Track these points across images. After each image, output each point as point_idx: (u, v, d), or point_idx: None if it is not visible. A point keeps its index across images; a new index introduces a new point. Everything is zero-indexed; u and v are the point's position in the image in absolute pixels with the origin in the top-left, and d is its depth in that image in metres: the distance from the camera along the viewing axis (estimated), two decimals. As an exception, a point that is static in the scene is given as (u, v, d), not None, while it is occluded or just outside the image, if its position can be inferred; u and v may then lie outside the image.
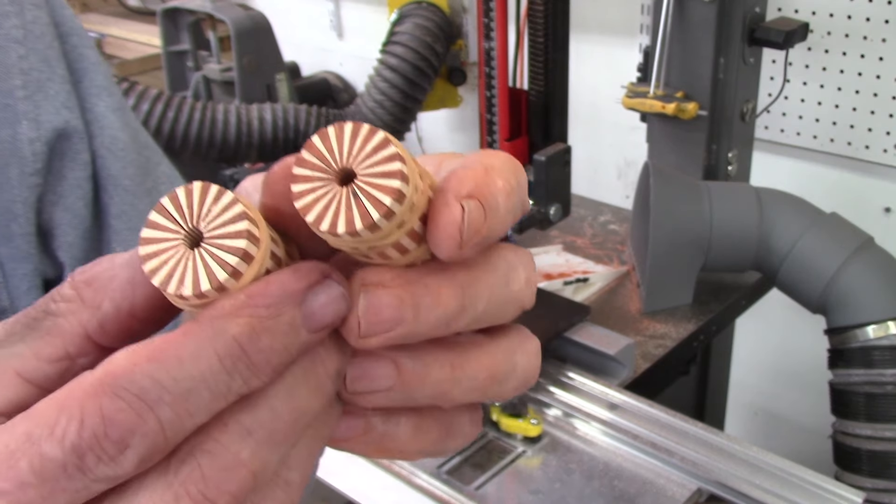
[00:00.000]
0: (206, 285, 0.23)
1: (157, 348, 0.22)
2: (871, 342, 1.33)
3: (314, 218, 0.23)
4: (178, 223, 0.23)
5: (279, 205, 0.25)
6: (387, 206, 0.23)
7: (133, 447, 0.22)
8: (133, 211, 0.53)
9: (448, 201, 0.24)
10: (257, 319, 0.23)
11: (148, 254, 0.23)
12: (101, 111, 0.52)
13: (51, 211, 0.49)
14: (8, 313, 0.47)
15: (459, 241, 0.23)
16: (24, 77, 0.48)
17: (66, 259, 0.50)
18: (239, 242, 0.23)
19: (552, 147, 1.58)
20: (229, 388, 0.23)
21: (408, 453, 0.27)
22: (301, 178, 0.23)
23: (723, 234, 1.40)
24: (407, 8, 2.20)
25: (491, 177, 0.24)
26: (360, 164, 0.23)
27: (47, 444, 0.22)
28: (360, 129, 0.23)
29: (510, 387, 0.27)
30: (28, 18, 0.49)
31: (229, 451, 0.23)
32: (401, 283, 0.24)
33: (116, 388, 0.22)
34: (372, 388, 0.25)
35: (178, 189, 0.24)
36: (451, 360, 0.26)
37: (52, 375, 0.26)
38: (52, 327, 0.26)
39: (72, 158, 0.50)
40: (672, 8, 1.44)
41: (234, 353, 0.22)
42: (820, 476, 1.05)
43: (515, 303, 0.27)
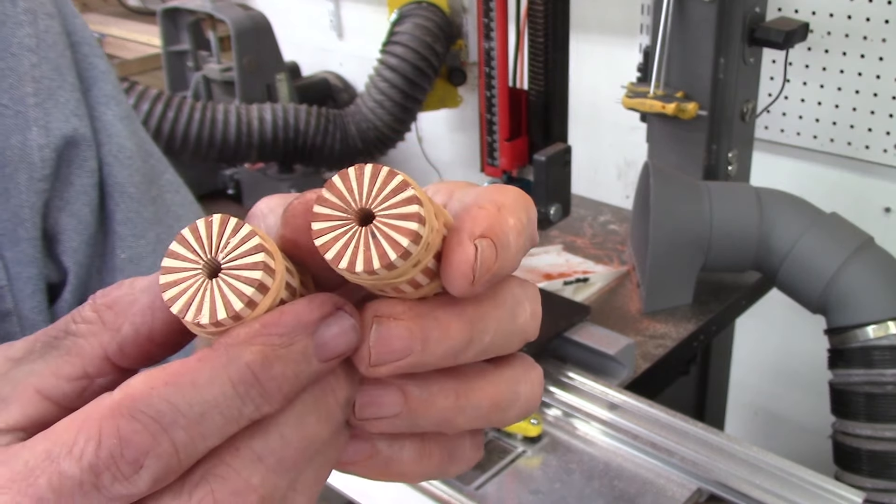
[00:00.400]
0: (222, 314, 0.24)
1: (173, 373, 0.23)
2: (871, 342, 1.33)
3: (333, 256, 0.24)
4: (198, 254, 0.25)
5: (297, 238, 0.26)
6: (404, 247, 0.24)
7: (147, 467, 0.22)
8: (138, 218, 0.54)
9: (462, 241, 0.25)
10: (270, 348, 0.24)
11: (167, 282, 0.24)
12: (109, 120, 0.53)
13: (57, 216, 0.50)
14: (12, 316, 0.48)
15: (472, 279, 0.24)
16: (35, 84, 0.49)
17: (71, 264, 0.51)
18: (255, 273, 0.24)
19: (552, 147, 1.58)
20: (241, 413, 0.23)
21: (411, 476, 0.28)
22: (321, 217, 0.24)
23: (723, 234, 1.40)
24: (407, 8, 2.20)
25: (503, 216, 0.25)
26: (379, 205, 0.24)
27: (66, 463, 0.22)
28: (379, 171, 0.25)
29: (513, 414, 0.28)
30: (41, 28, 0.50)
31: (240, 477, 0.24)
32: (411, 315, 0.25)
33: (133, 410, 0.23)
34: (379, 414, 0.26)
35: (198, 221, 0.25)
36: (457, 388, 0.27)
37: (70, 394, 0.26)
38: (72, 347, 0.27)
39: (79, 165, 0.51)
40: (672, 8, 1.44)
41: (247, 380, 0.23)
42: (820, 476, 1.05)
43: (520, 335, 0.28)
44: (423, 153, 2.53)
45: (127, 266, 0.53)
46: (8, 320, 0.48)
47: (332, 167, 2.39)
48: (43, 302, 0.49)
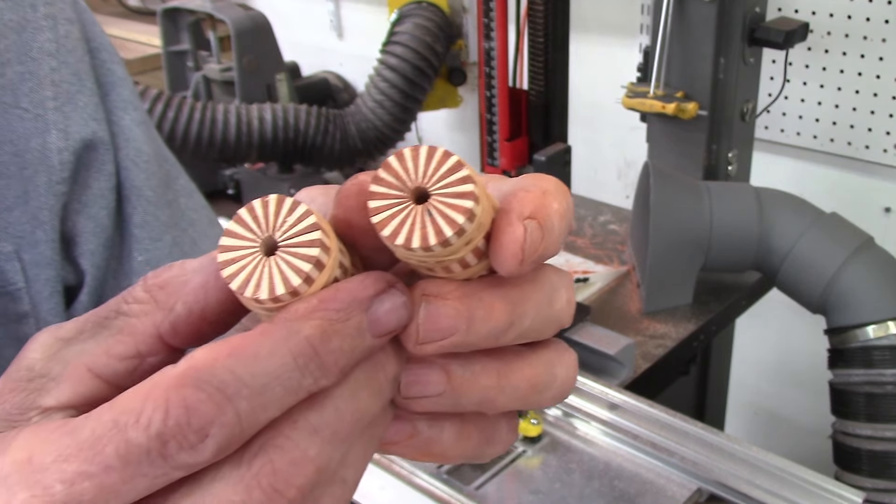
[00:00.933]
0: (280, 290, 0.25)
1: (236, 345, 0.24)
2: (871, 342, 1.33)
3: (389, 233, 0.25)
4: (254, 232, 0.25)
5: (350, 217, 0.26)
6: (460, 224, 0.24)
7: (212, 436, 0.23)
8: (155, 221, 0.54)
9: (511, 221, 0.25)
10: (328, 322, 0.24)
11: (225, 260, 0.25)
12: (126, 124, 0.53)
13: (75, 219, 0.51)
14: (29, 318, 0.48)
15: (521, 258, 0.25)
16: (55, 89, 0.49)
17: (88, 266, 0.51)
18: (312, 251, 0.25)
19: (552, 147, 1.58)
20: (300, 385, 0.24)
21: (449, 457, 0.29)
22: (377, 195, 0.25)
23: (723, 234, 1.40)
24: (407, 8, 2.20)
25: (548, 199, 0.26)
26: (435, 184, 0.25)
27: (133, 431, 0.23)
28: (434, 151, 0.25)
29: (549, 396, 0.29)
30: (61, 33, 0.51)
31: (298, 447, 0.24)
32: (458, 295, 0.26)
33: (199, 380, 0.23)
34: (424, 393, 0.27)
35: (253, 201, 0.26)
36: (498, 368, 0.28)
37: (121, 372, 0.27)
38: (124, 326, 0.27)
39: (97, 169, 0.51)
40: (672, 8, 1.44)
41: (307, 353, 0.24)
42: (820, 476, 1.05)
43: (556, 321, 0.28)
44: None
45: (143, 269, 0.53)
46: (25, 322, 0.48)
47: (332, 167, 2.39)
48: (60, 304, 0.50)
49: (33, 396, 0.26)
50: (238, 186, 2.53)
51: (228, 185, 2.53)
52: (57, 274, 0.49)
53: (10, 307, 0.48)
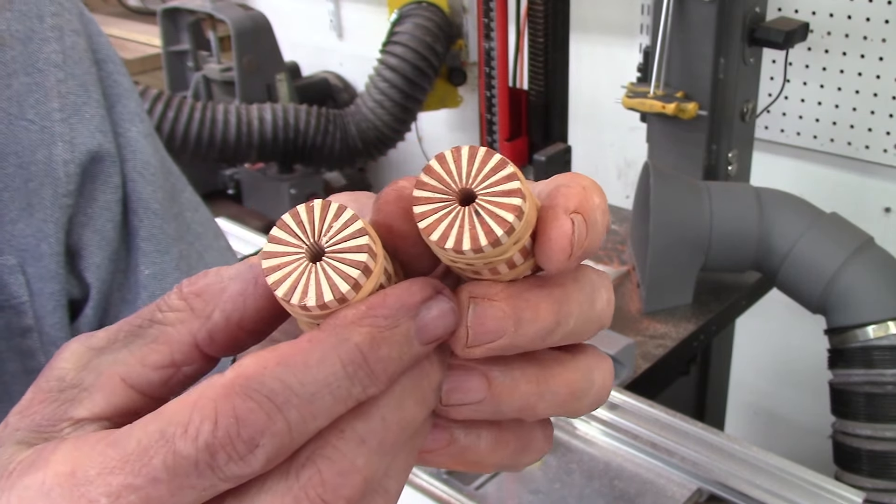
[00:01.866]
0: (328, 296, 0.24)
1: (284, 353, 0.23)
2: (871, 342, 1.33)
3: (438, 237, 0.24)
4: (300, 238, 0.25)
5: (391, 223, 0.26)
6: (509, 222, 0.24)
7: (262, 447, 0.23)
8: (162, 234, 0.54)
9: (558, 215, 0.25)
10: (377, 329, 0.24)
11: (270, 267, 0.24)
12: (133, 136, 0.53)
13: (80, 232, 0.50)
14: (33, 332, 0.48)
15: (570, 252, 0.25)
16: (61, 100, 0.49)
17: (93, 280, 0.51)
18: (360, 256, 0.24)
19: (552, 147, 1.58)
20: (349, 393, 0.24)
21: (486, 466, 0.29)
22: (422, 200, 0.25)
23: (723, 234, 1.40)
24: (407, 8, 2.20)
25: (589, 194, 0.26)
26: (480, 184, 0.24)
27: (181, 442, 0.22)
28: (476, 151, 0.25)
29: (587, 402, 0.29)
30: (67, 44, 0.50)
31: (346, 458, 0.24)
32: (505, 296, 0.25)
33: (248, 389, 0.23)
34: (464, 400, 0.26)
35: (298, 206, 0.25)
36: (538, 374, 0.27)
37: (156, 382, 0.27)
38: (158, 335, 0.27)
39: (103, 181, 0.51)
40: (672, 8, 1.44)
41: (356, 360, 0.24)
42: (820, 476, 1.05)
43: (598, 321, 0.28)
44: (423, 153, 2.53)
45: (150, 282, 0.52)
46: (29, 336, 0.48)
47: (332, 167, 2.39)
48: (64, 318, 0.49)
49: (65, 407, 0.26)
50: (238, 186, 2.53)
51: (228, 185, 2.53)
52: (62, 288, 0.49)
53: (13, 321, 0.47)
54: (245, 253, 1.75)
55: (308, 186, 2.40)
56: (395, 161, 2.68)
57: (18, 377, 0.48)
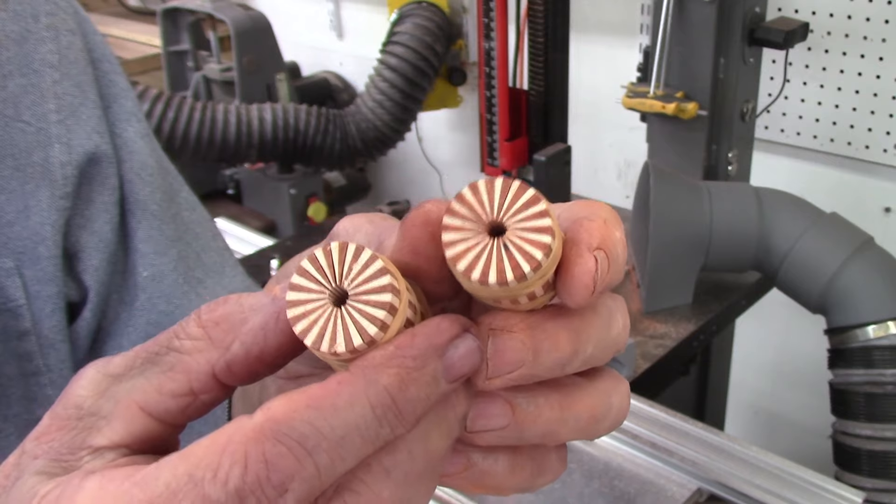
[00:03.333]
0: (358, 341, 0.24)
1: (314, 396, 0.23)
2: (871, 342, 1.33)
3: (465, 267, 0.24)
4: (322, 284, 0.25)
5: (417, 247, 0.26)
6: (538, 260, 0.24)
7: (292, 491, 0.23)
8: (160, 235, 0.53)
9: (582, 252, 0.25)
10: (405, 370, 0.24)
11: (296, 315, 0.24)
12: (130, 137, 0.52)
13: (77, 234, 0.50)
14: (30, 335, 0.47)
15: (592, 289, 0.25)
16: (57, 101, 0.49)
17: (91, 282, 0.50)
18: (384, 297, 0.24)
19: (552, 147, 1.58)
20: (378, 435, 0.24)
21: (503, 488, 0.29)
22: (452, 228, 0.25)
23: (723, 234, 1.40)
24: (407, 8, 2.20)
25: (611, 229, 0.26)
26: (512, 217, 0.24)
27: (210, 487, 0.22)
28: (510, 184, 0.25)
29: (605, 426, 0.29)
30: (63, 44, 0.50)
31: (372, 491, 0.24)
32: (524, 328, 0.26)
33: (278, 433, 0.23)
34: (489, 427, 0.26)
35: (315, 251, 0.25)
36: (560, 401, 0.27)
37: (173, 410, 0.27)
38: (176, 363, 0.27)
39: (101, 183, 0.50)
40: (672, 8, 1.44)
41: (385, 403, 0.24)
42: (820, 476, 1.05)
43: (614, 346, 0.28)
44: (423, 153, 2.53)
45: (149, 284, 0.52)
46: (26, 339, 0.47)
47: (332, 167, 2.39)
48: (62, 321, 0.49)
49: (83, 435, 0.26)
50: (238, 186, 2.53)
51: (228, 185, 2.53)
52: (59, 290, 0.48)
53: (10, 324, 0.47)
54: (245, 253, 1.75)
55: (308, 186, 2.40)
56: (395, 161, 2.68)
57: (16, 380, 0.48)
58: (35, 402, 0.48)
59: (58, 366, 0.49)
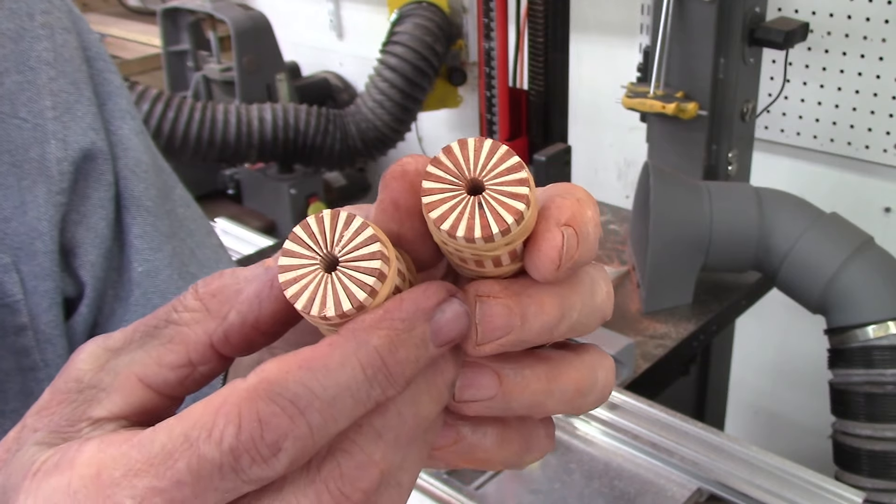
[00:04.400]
0: (347, 305, 0.25)
1: (306, 358, 0.24)
2: (871, 342, 1.33)
3: (437, 216, 0.25)
4: (313, 249, 0.25)
5: (397, 199, 0.26)
6: (508, 224, 0.24)
7: (285, 450, 0.23)
8: (154, 231, 0.54)
9: (549, 227, 0.26)
10: (395, 332, 0.25)
11: (287, 280, 0.25)
12: (125, 134, 0.53)
13: (74, 230, 0.50)
14: (27, 331, 0.48)
15: (558, 264, 0.26)
16: (53, 98, 0.49)
17: (88, 278, 0.51)
18: (374, 263, 0.25)
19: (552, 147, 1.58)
20: (369, 395, 0.24)
21: (492, 463, 0.29)
22: (433, 177, 0.25)
23: (723, 234, 1.40)
24: (407, 8, 2.20)
25: (583, 207, 0.26)
26: (492, 179, 0.25)
27: (205, 446, 0.23)
28: (498, 147, 0.25)
29: (591, 399, 0.29)
30: (58, 42, 0.50)
31: (364, 452, 0.25)
32: (509, 294, 0.26)
33: (271, 393, 0.23)
34: (476, 396, 0.27)
35: (308, 218, 0.26)
36: (547, 372, 0.28)
37: (172, 381, 0.27)
38: (175, 335, 0.27)
39: (96, 179, 0.51)
40: (672, 8, 1.44)
41: (375, 364, 0.24)
42: (820, 476, 1.05)
43: (599, 313, 0.29)
44: (423, 153, 2.53)
45: (144, 280, 0.52)
46: (23, 335, 0.48)
47: (332, 167, 2.39)
48: (59, 316, 0.49)
49: (83, 408, 0.26)
50: (238, 186, 2.53)
51: (228, 185, 2.53)
52: (56, 286, 0.49)
53: (7, 319, 0.47)
54: (244, 253, 1.75)
55: (308, 186, 2.40)
56: (394, 161, 2.68)
57: (13, 375, 0.48)
58: (32, 397, 0.49)
59: (55, 361, 0.49)
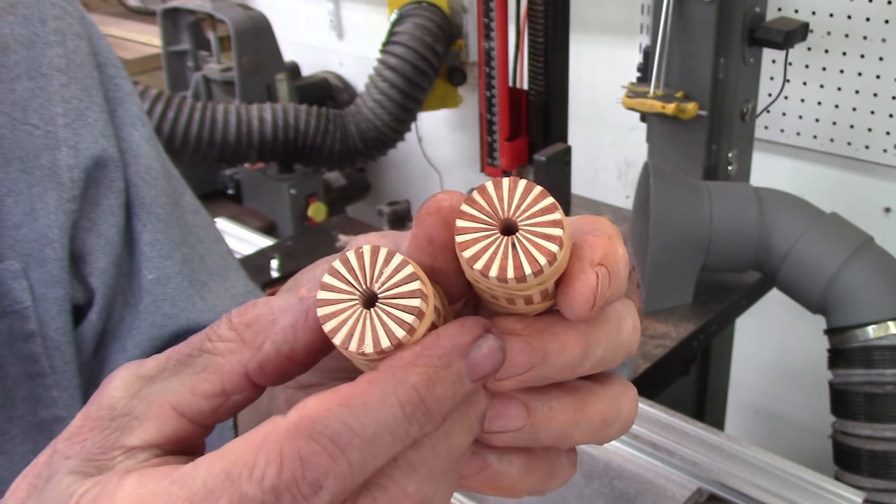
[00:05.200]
0: (385, 343, 0.25)
1: (345, 395, 0.24)
2: (871, 342, 1.33)
3: (471, 255, 0.25)
4: (352, 284, 0.25)
5: (431, 234, 0.26)
6: (541, 265, 0.25)
7: (326, 488, 0.23)
8: (165, 239, 0.53)
9: (584, 268, 0.26)
10: (432, 370, 0.25)
11: (326, 314, 0.25)
12: (135, 140, 0.53)
13: (84, 237, 0.50)
14: (36, 337, 0.48)
15: (592, 304, 0.26)
16: (65, 105, 0.49)
17: (98, 285, 0.50)
18: (414, 301, 0.25)
19: (552, 147, 1.58)
20: (408, 432, 0.24)
21: (516, 490, 0.30)
22: (467, 216, 0.25)
23: (723, 234, 1.40)
24: (407, 8, 2.20)
25: (614, 245, 0.27)
26: (526, 220, 0.25)
27: (247, 484, 0.23)
28: (532, 187, 0.26)
29: (615, 430, 0.30)
30: (70, 48, 0.50)
31: (399, 486, 0.25)
32: (531, 331, 0.27)
33: (312, 431, 0.23)
34: (505, 427, 0.27)
35: (347, 253, 0.26)
36: (573, 404, 0.28)
37: (205, 410, 0.27)
38: (209, 365, 0.27)
39: (107, 186, 0.51)
40: (672, 8, 1.44)
41: (414, 401, 0.24)
42: (820, 476, 1.05)
43: (625, 348, 0.29)
44: (423, 153, 2.53)
45: (154, 287, 0.52)
46: (32, 341, 0.47)
47: (332, 167, 2.39)
48: (68, 323, 0.49)
49: (116, 435, 0.26)
50: (238, 186, 2.53)
51: (228, 185, 2.54)
52: (66, 293, 0.48)
53: (16, 326, 0.47)
54: (245, 253, 1.75)
55: (308, 186, 2.40)
56: (395, 161, 2.68)
57: (21, 382, 0.48)
58: (40, 403, 0.48)
59: (63, 368, 0.49)
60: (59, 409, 0.49)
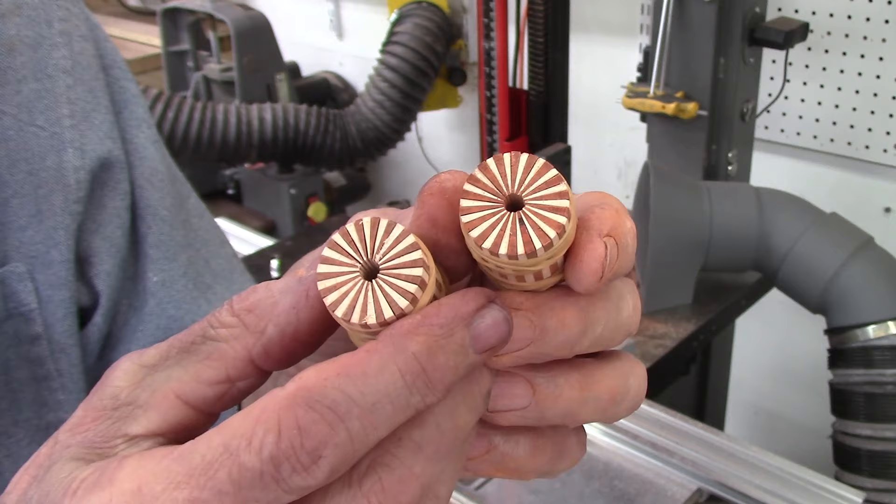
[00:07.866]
0: (388, 313, 0.24)
1: (344, 364, 0.24)
2: (871, 342, 1.33)
3: (478, 234, 0.25)
4: (353, 257, 0.25)
5: (434, 215, 0.26)
6: (550, 238, 0.24)
7: (326, 457, 0.23)
8: (170, 241, 0.53)
9: (592, 238, 0.25)
10: (433, 338, 0.24)
11: (326, 287, 0.25)
12: (141, 142, 0.53)
13: (89, 239, 0.50)
14: (42, 340, 0.47)
15: (601, 275, 0.25)
16: (71, 106, 0.49)
17: (103, 287, 0.50)
18: (416, 271, 0.25)
19: (552, 147, 1.58)
20: (408, 402, 0.24)
21: (524, 472, 0.29)
22: (471, 195, 0.25)
23: (723, 234, 1.40)
24: (407, 8, 2.20)
25: (622, 218, 0.26)
26: (531, 194, 0.25)
27: (245, 455, 0.23)
28: (535, 161, 0.25)
29: (624, 408, 0.29)
30: (76, 50, 0.50)
31: (404, 465, 0.24)
32: (530, 306, 0.26)
33: (310, 401, 0.23)
34: (510, 406, 0.27)
35: (347, 225, 0.25)
36: (580, 381, 0.28)
37: (210, 398, 0.27)
38: (212, 352, 0.27)
39: (112, 188, 0.50)
40: (672, 8, 1.44)
41: (414, 370, 0.24)
42: (820, 476, 1.05)
43: (625, 328, 0.29)
44: (423, 153, 2.53)
45: (159, 290, 0.52)
46: (38, 344, 0.47)
47: (332, 167, 2.39)
48: (74, 325, 0.49)
49: (118, 424, 0.26)
50: (238, 186, 2.53)
51: (228, 185, 2.54)
52: (71, 295, 0.48)
53: (22, 328, 0.47)
54: (245, 253, 1.75)
55: (308, 186, 2.40)
56: (395, 161, 2.68)
57: (27, 385, 0.48)
58: (46, 406, 0.48)
59: (69, 370, 0.49)
60: (64, 412, 0.49)
